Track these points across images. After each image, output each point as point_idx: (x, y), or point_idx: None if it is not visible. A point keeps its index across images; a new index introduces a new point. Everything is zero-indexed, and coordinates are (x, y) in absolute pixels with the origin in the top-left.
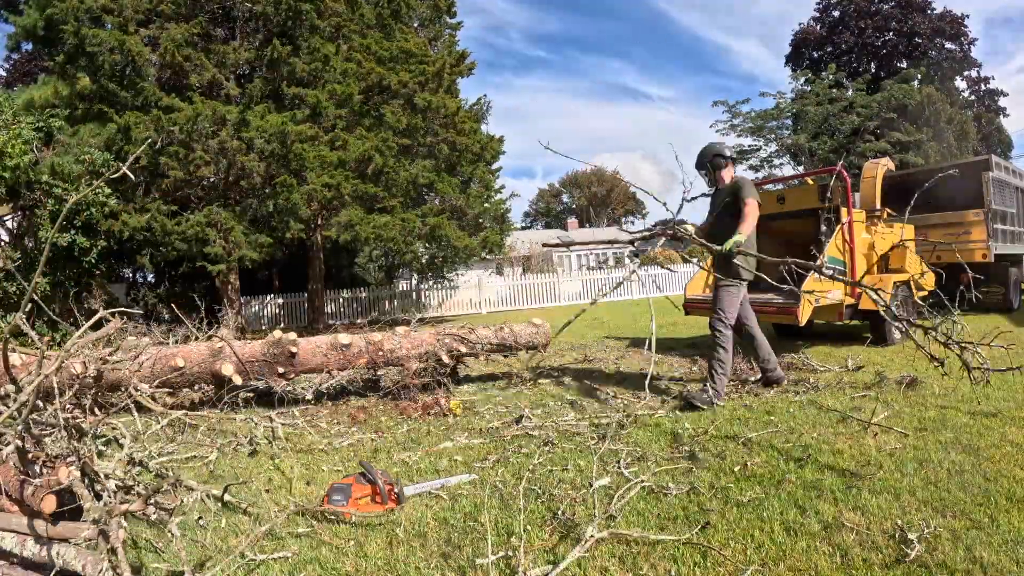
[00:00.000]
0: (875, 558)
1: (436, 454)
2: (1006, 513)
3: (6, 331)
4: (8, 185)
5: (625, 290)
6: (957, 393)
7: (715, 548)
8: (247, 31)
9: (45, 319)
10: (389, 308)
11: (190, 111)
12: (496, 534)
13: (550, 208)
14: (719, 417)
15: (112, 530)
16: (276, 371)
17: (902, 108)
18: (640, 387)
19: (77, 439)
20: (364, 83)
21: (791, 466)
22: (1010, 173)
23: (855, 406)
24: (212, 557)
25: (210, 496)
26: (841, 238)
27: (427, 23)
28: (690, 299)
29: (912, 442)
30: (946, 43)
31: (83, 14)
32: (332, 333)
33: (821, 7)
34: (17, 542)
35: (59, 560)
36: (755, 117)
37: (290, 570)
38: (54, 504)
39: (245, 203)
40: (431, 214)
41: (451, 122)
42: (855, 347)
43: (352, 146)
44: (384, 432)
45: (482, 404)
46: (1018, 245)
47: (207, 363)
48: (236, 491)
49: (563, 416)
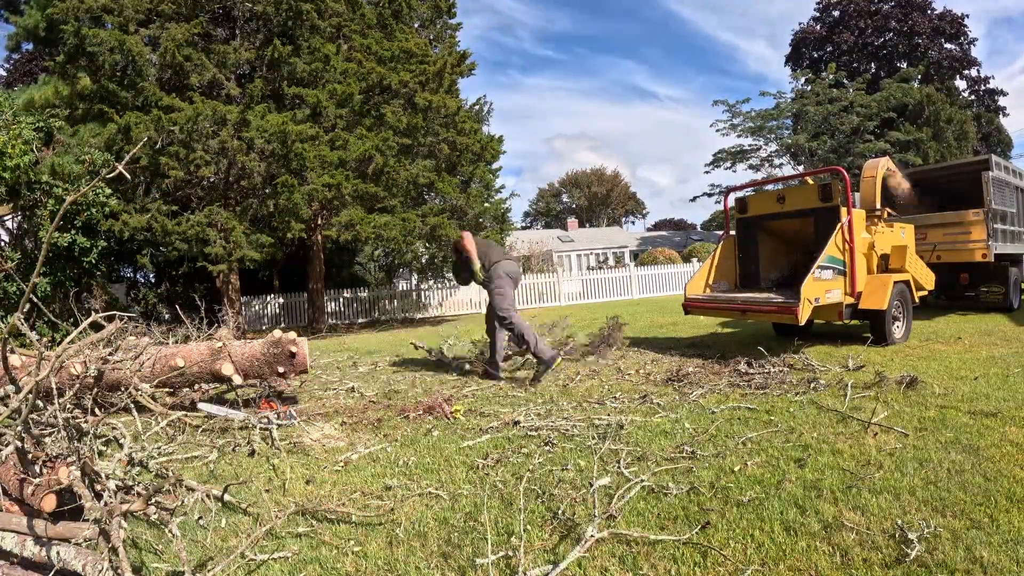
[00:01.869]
0: (875, 558)
1: (435, 453)
2: (1006, 513)
3: (5, 331)
4: (8, 185)
5: (625, 290)
6: (957, 393)
7: (715, 548)
8: (248, 31)
9: (45, 320)
10: (389, 308)
11: (190, 111)
12: (496, 534)
13: (550, 208)
14: (719, 417)
15: (113, 530)
16: (276, 371)
17: (902, 108)
18: (640, 388)
19: (77, 439)
20: (364, 83)
21: (791, 466)
22: (1010, 173)
23: (855, 406)
24: (213, 557)
25: (210, 496)
26: (841, 238)
27: (427, 23)
28: (690, 298)
29: (912, 442)
30: (946, 43)
31: (83, 14)
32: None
33: (821, 7)
34: (17, 542)
35: (59, 560)
36: (755, 117)
37: (290, 570)
38: (54, 503)
39: (246, 203)
40: (431, 214)
41: (451, 122)
42: (855, 347)
43: (352, 146)
44: (387, 432)
45: (482, 405)
46: (1018, 245)
47: (207, 363)
48: (236, 491)
49: (563, 416)
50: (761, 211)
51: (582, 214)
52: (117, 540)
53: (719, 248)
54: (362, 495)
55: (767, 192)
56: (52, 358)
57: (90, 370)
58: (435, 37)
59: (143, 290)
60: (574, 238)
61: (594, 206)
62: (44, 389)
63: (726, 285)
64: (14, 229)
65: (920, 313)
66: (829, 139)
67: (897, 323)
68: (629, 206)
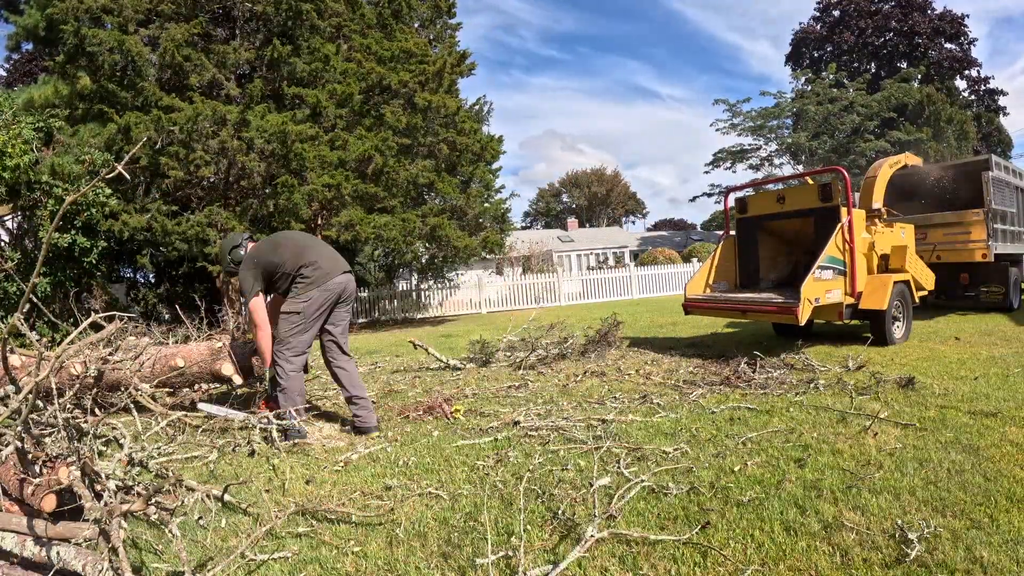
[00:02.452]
0: (875, 558)
1: (435, 453)
2: (1006, 513)
3: (5, 331)
4: (8, 185)
5: (625, 290)
6: (957, 393)
7: (715, 548)
8: (247, 31)
9: (45, 320)
10: (389, 308)
11: (190, 111)
12: (496, 534)
13: (550, 208)
14: (719, 417)
15: (113, 530)
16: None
17: (902, 108)
18: (640, 388)
19: (77, 439)
20: (364, 83)
21: (791, 466)
22: (1010, 173)
23: (855, 406)
24: (213, 557)
25: (210, 496)
26: (841, 238)
27: (427, 23)
28: (690, 298)
29: (912, 442)
30: (946, 43)
31: (83, 14)
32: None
33: (821, 7)
34: (17, 542)
35: (59, 560)
36: (755, 116)
37: (290, 570)
38: (54, 503)
39: (245, 203)
40: (431, 214)
41: (451, 122)
42: (855, 347)
43: (352, 146)
44: (387, 432)
45: (482, 405)
46: (1018, 245)
47: (207, 363)
48: (236, 491)
49: (563, 416)
50: (761, 211)
51: (582, 214)
52: (117, 540)
53: (719, 248)
54: (362, 495)
55: (767, 192)
56: (52, 358)
57: (90, 370)
58: (435, 37)
59: (143, 290)
60: (574, 238)
61: (594, 206)
62: (44, 389)
63: (726, 285)
64: (14, 229)
65: (920, 313)
66: (829, 139)
67: (897, 323)
68: (629, 206)
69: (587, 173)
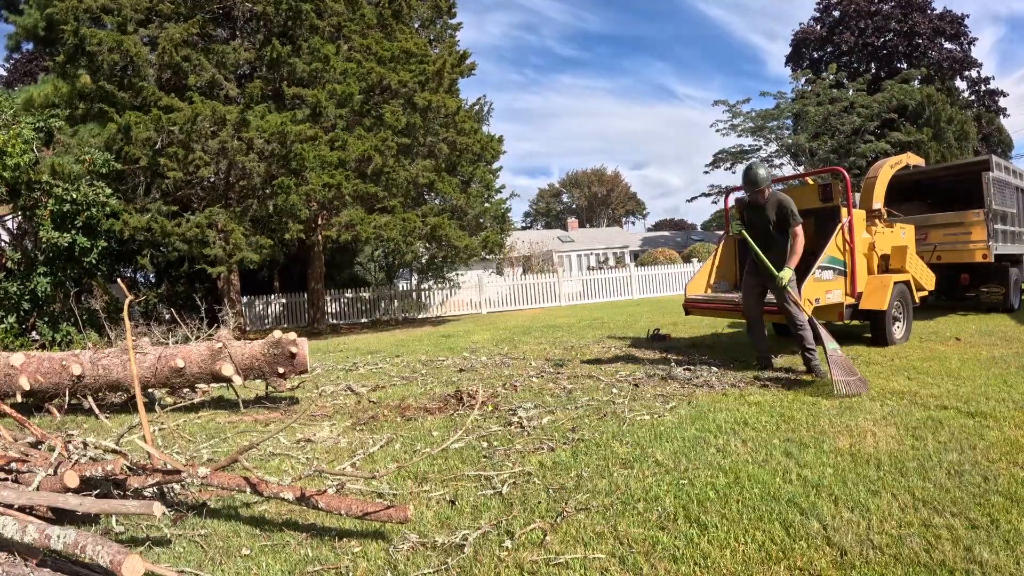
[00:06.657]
0: (875, 558)
1: (439, 451)
2: (1006, 513)
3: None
4: (8, 185)
5: (625, 290)
6: (957, 393)
7: (715, 548)
8: (247, 31)
9: (46, 319)
10: (390, 308)
11: (190, 111)
12: (496, 534)
13: (550, 208)
14: (719, 417)
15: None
16: (276, 371)
17: (903, 108)
18: (640, 388)
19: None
20: (364, 83)
21: (791, 466)
22: (1010, 173)
23: (855, 405)
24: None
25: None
26: (841, 238)
27: (427, 23)
28: (691, 299)
29: (912, 442)
30: (946, 43)
31: (83, 14)
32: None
33: (821, 7)
34: (18, 528)
35: (60, 544)
36: (755, 117)
37: (290, 570)
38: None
39: (245, 204)
40: (431, 214)
41: (451, 122)
42: (855, 347)
43: (352, 146)
44: (387, 432)
45: (482, 404)
46: (1018, 245)
47: (207, 363)
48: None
49: (564, 416)
50: None
51: (582, 214)
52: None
53: (719, 248)
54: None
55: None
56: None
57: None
58: (435, 37)
59: (143, 290)
60: (574, 238)
61: (594, 206)
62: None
63: (726, 285)
64: (14, 229)
65: (920, 313)
66: (829, 139)
67: (897, 323)
68: (629, 206)
69: (587, 173)
